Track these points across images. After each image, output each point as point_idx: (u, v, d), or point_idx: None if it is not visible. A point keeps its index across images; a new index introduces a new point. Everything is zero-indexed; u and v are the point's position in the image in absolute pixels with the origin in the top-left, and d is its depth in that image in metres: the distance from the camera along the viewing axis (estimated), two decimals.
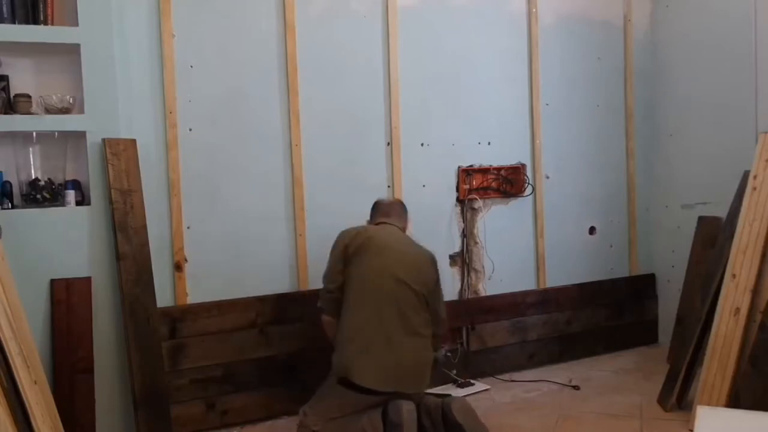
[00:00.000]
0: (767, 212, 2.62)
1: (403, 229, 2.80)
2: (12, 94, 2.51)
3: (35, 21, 2.50)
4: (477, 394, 3.17)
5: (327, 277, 2.65)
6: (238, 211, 2.89)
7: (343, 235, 2.65)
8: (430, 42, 3.27)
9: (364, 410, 2.48)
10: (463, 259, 3.38)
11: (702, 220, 3.45)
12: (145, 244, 2.60)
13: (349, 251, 2.59)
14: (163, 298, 2.74)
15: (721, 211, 3.10)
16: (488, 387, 3.26)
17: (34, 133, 2.55)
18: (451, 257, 3.38)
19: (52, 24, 2.53)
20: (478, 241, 3.41)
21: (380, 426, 2.43)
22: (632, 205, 3.84)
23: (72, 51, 2.53)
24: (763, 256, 2.59)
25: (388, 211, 2.81)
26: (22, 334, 2.10)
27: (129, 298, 2.55)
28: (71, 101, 2.54)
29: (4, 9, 2.45)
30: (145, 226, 2.60)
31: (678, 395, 2.88)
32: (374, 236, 2.63)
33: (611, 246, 3.80)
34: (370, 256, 2.56)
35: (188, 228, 2.80)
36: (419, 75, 3.24)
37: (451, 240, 3.37)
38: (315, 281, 3.00)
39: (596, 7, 3.68)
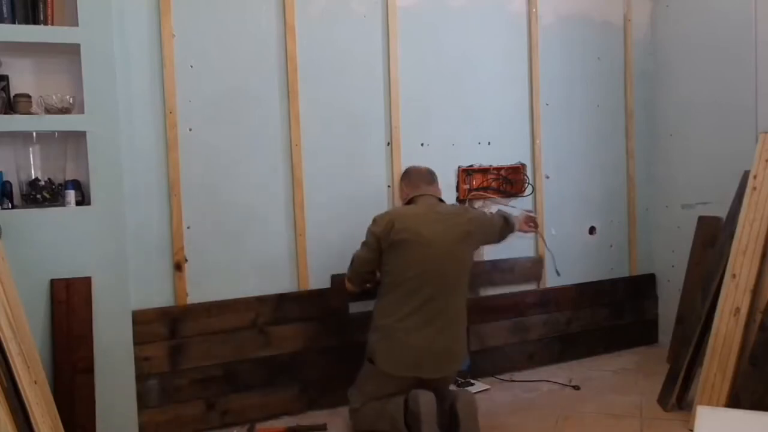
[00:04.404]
0: (767, 212, 2.62)
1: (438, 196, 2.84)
2: (12, 94, 2.50)
3: (35, 21, 2.50)
4: (477, 394, 3.16)
5: (362, 260, 2.72)
6: (239, 211, 2.89)
7: (376, 224, 2.68)
8: (430, 42, 3.26)
9: (399, 393, 2.57)
10: None
11: (702, 220, 3.45)
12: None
13: (382, 244, 2.63)
14: (163, 298, 2.74)
15: (721, 211, 3.10)
16: (488, 387, 3.26)
17: (34, 133, 2.54)
18: None
19: (52, 24, 2.52)
20: None
21: (401, 414, 2.52)
22: (632, 205, 3.84)
23: (72, 51, 2.52)
24: (763, 256, 2.59)
25: (419, 183, 2.84)
26: (22, 334, 2.10)
27: None
28: (71, 101, 2.54)
29: (4, 9, 2.44)
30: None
31: (678, 395, 2.88)
32: (409, 226, 2.62)
33: (611, 246, 3.80)
34: (409, 247, 2.60)
35: (188, 228, 2.80)
36: (419, 75, 3.24)
37: None
38: (315, 281, 3.02)
39: (596, 7, 3.68)
